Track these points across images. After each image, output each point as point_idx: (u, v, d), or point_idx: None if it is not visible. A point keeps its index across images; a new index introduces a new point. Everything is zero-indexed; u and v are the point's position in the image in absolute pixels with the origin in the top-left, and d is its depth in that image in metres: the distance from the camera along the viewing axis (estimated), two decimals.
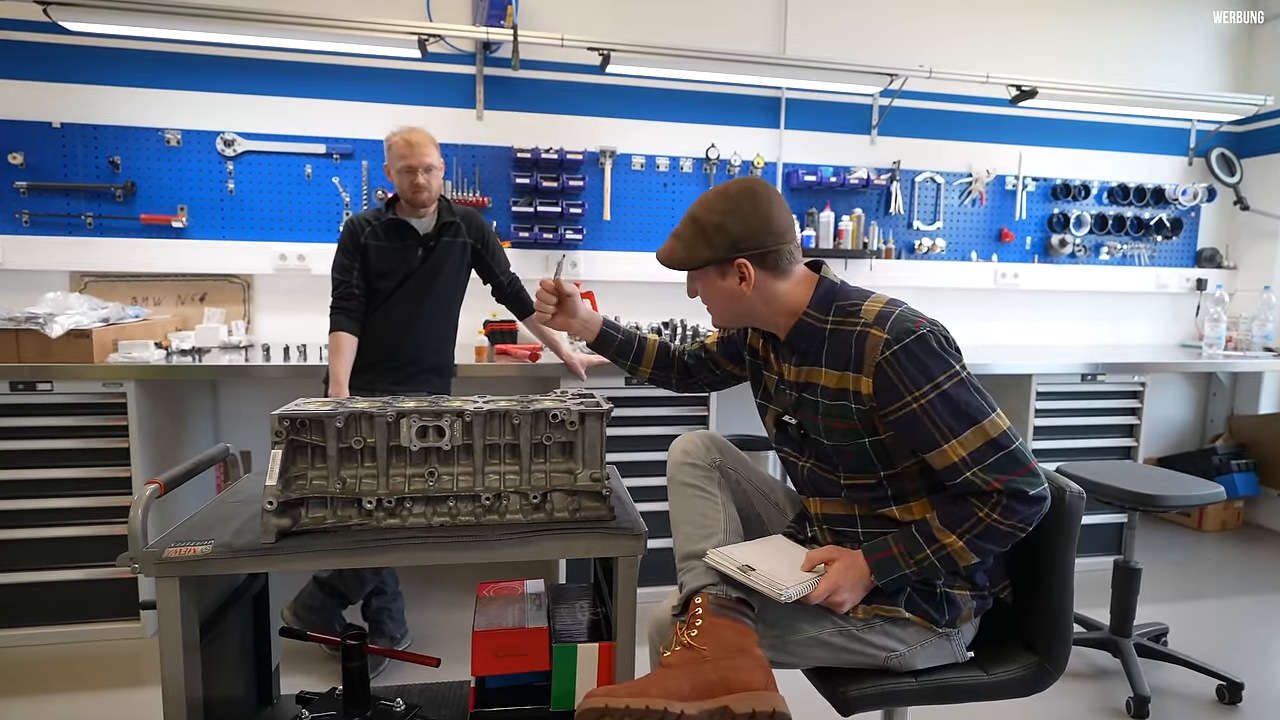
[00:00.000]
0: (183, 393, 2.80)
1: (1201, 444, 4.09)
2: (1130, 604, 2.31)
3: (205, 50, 2.97)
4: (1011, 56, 3.67)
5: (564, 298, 1.56)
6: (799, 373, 1.34)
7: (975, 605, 1.31)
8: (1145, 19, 3.85)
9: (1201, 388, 4.14)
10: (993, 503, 1.18)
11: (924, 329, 1.21)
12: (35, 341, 2.35)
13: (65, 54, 2.88)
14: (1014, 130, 3.77)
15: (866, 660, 1.29)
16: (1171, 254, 4.04)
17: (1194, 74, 3.94)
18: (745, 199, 1.27)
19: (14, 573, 2.40)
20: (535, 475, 1.35)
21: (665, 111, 3.40)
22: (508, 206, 3.25)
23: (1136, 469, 2.46)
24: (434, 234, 2.32)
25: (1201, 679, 2.28)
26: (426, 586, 2.93)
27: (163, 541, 1.22)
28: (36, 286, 2.83)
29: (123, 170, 2.96)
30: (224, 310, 3.06)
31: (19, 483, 2.38)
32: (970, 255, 3.78)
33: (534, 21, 3.16)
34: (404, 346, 2.34)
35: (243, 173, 3.06)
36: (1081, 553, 3.13)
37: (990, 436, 1.18)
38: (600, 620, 1.53)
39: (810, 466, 1.38)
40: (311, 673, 2.28)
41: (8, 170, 2.87)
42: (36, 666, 2.32)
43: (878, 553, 1.26)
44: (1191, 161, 4.01)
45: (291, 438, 1.26)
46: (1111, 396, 3.20)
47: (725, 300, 1.33)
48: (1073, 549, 1.28)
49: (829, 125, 3.58)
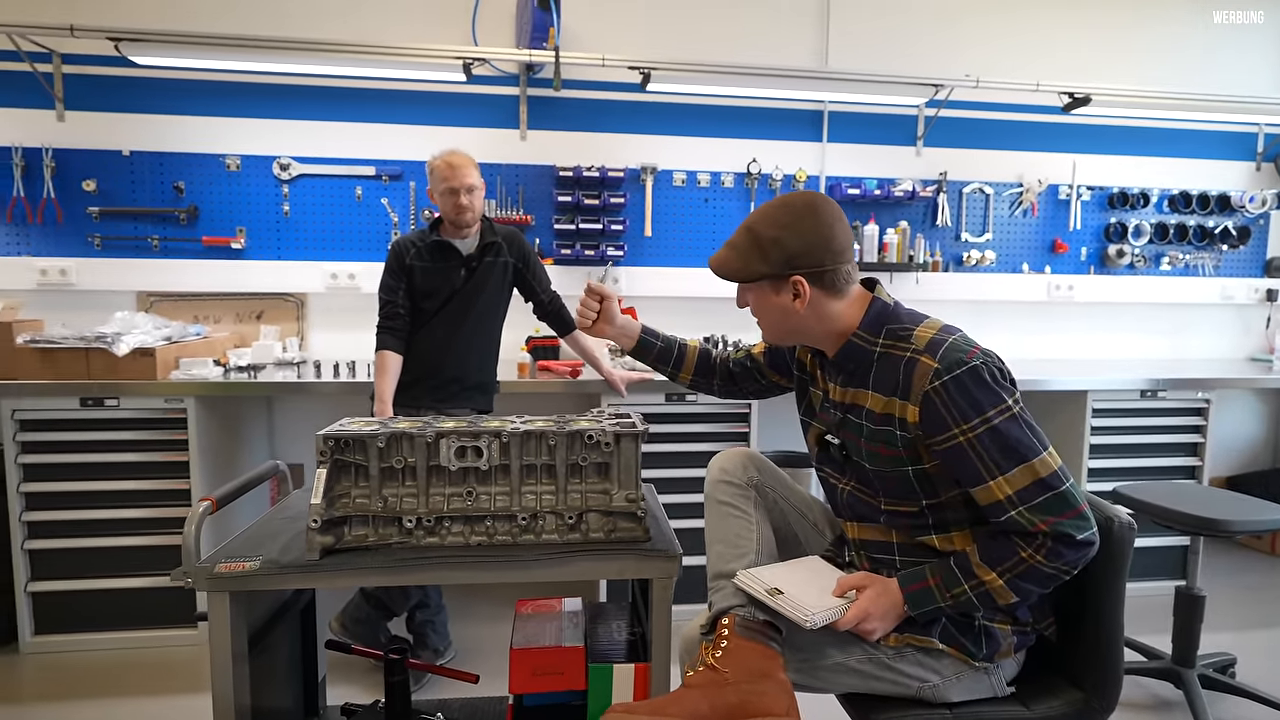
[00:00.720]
0: (240, 408, 2.91)
1: (1274, 463, 3.89)
2: (1194, 632, 2.20)
3: (262, 79, 3.10)
4: (1061, 61, 3.57)
5: (605, 300, 1.56)
6: (845, 393, 1.32)
7: (1016, 641, 1.27)
8: (1205, 20, 3.70)
9: (1273, 404, 3.94)
10: (1037, 544, 1.14)
11: (976, 360, 1.17)
12: (103, 359, 2.47)
13: (134, 86, 3.05)
14: (1066, 138, 3.67)
15: (898, 690, 1.26)
16: (1238, 263, 3.86)
17: (1260, 75, 3.77)
18: (807, 214, 1.25)
19: (81, 579, 2.52)
20: (571, 496, 1.36)
21: (706, 127, 3.41)
22: (550, 224, 3.29)
23: (1199, 490, 2.35)
24: (477, 254, 2.37)
25: (1271, 714, 2.16)
26: (470, 600, 2.97)
27: (214, 557, 1.27)
28: (106, 306, 2.98)
29: (186, 195, 3.10)
30: (279, 328, 3.17)
31: (88, 494, 2.50)
32: (1022, 267, 3.68)
33: (575, 42, 3.21)
34: (448, 365, 2.39)
35: (297, 195, 3.18)
36: (1143, 576, 3.01)
37: (1039, 476, 1.14)
38: (637, 640, 1.53)
39: (850, 489, 1.36)
40: (357, 683, 2.33)
41: (81, 197, 3.04)
42: (101, 670, 2.43)
43: (913, 583, 1.23)
44: (1259, 166, 3.84)
45: (336, 457, 1.30)
46: (1173, 414, 3.07)
47: (777, 316, 1.31)
48: (1122, 582, 1.23)
49: (873, 137, 3.54)
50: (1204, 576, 2.22)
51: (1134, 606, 2.63)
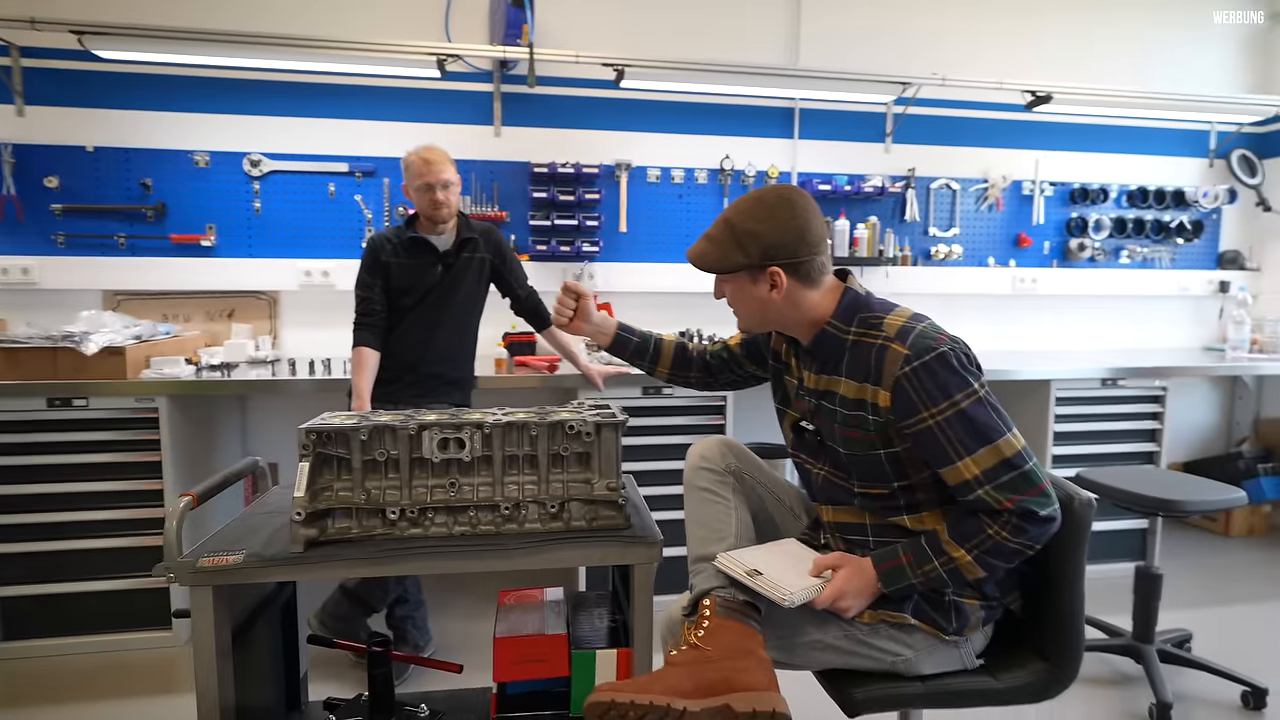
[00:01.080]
0: (212, 407, 2.88)
1: (1228, 448, 4.04)
2: (1152, 610, 2.29)
3: (232, 74, 3.06)
4: (1026, 61, 3.67)
5: (581, 297, 1.59)
6: (819, 380, 1.36)
7: (984, 615, 1.32)
8: (1162, 21, 3.83)
9: (1227, 391, 4.09)
10: (1003, 521, 1.19)
11: (944, 346, 1.22)
12: (71, 359, 2.43)
13: (98, 80, 2.99)
14: (1030, 135, 3.77)
15: (872, 664, 1.31)
16: (1193, 256, 3.99)
17: (1214, 75, 3.91)
18: (783, 207, 1.28)
19: (51, 584, 2.48)
20: (553, 485, 1.38)
21: (679, 124, 3.45)
22: (525, 220, 3.30)
23: (1157, 474, 2.44)
24: (453, 250, 2.38)
25: (1226, 685, 2.26)
26: (450, 595, 2.97)
27: (196, 552, 1.26)
28: (71, 305, 2.93)
29: (153, 191, 3.05)
30: (251, 326, 3.14)
31: (56, 496, 2.46)
32: (987, 261, 3.77)
33: (549, 39, 3.22)
34: (425, 361, 2.39)
35: (268, 192, 3.14)
36: (1105, 559, 3.12)
37: (1004, 456, 1.19)
38: (619, 627, 1.56)
39: (825, 473, 1.40)
40: (339, 679, 2.33)
41: (44, 193, 2.98)
42: (73, 675, 2.39)
43: (886, 561, 1.28)
44: (1212, 163, 3.97)
45: (318, 450, 1.31)
46: (1132, 401, 3.18)
47: (754, 306, 1.35)
48: (1082, 556, 1.29)
49: (843, 134, 3.60)
50: (1162, 557, 2.32)
51: (1096, 587, 2.73)
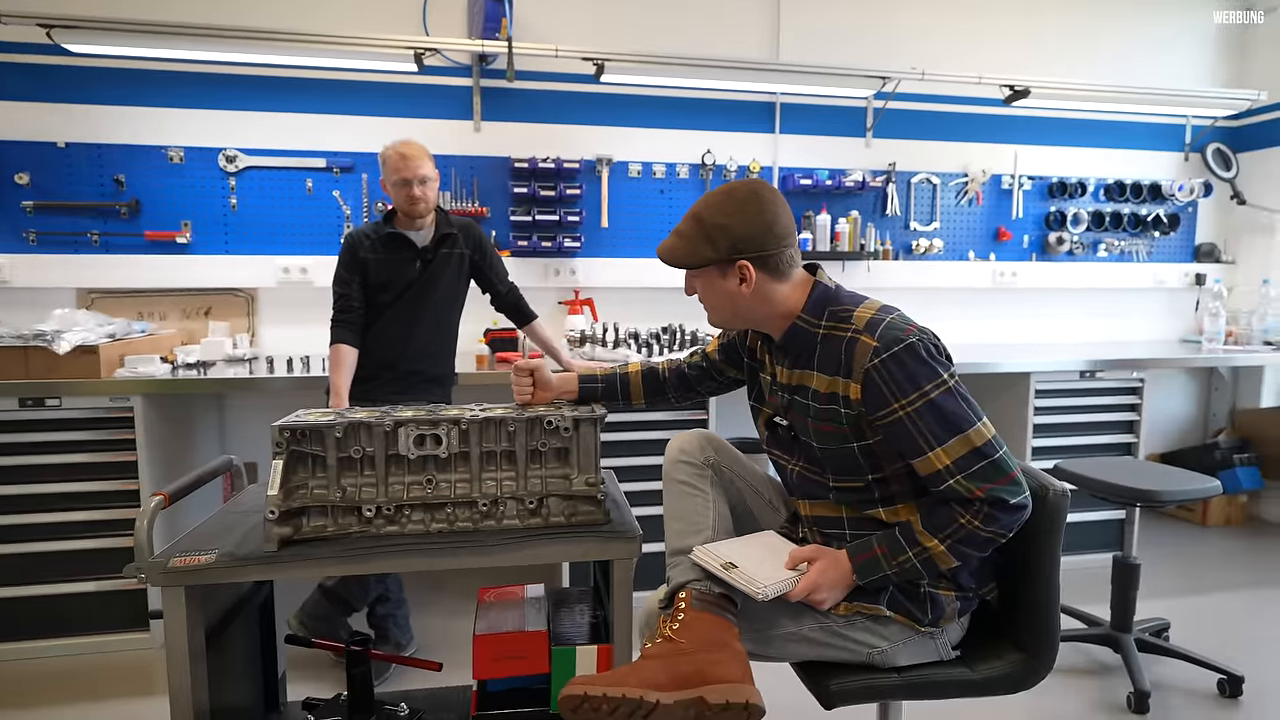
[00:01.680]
0: (189, 406, 2.84)
1: (1204, 439, 4.09)
2: (1130, 599, 2.32)
3: (206, 69, 3.01)
4: (1005, 56, 3.69)
5: (534, 371, 1.52)
6: (791, 375, 1.36)
7: (960, 606, 1.33)
8: (1140, 17, 3.87)
9: (1203, 383, 4.15)
10: (974, 510, 1.20)
11: (913, 337, 1.22)
12: (43, 358, 2.39)
13: (68, 75, 2.94)
14: (1009, 129, 3.79)
15: (848, 656, 1.31)
16: (1169, 249, 4.04)
17: (1189, 70, 3.96)
18: (750, 201, 1.29)
19: (24, 586, 2.44)
20: (531, 481, 1.38)
21: (660, 119, 3.44)
22: (506, 216, 3.28)
23: (1135, 465, 2.47)
24: (432, 246, 2.36)
25: (1202, 673, 2.29)
26: (431, 593, 2.95)
27: (168, 552, 1.25)
28: (43, 304, 2.87)
29: (127, 188, 3.00)
30: (229, 324, 3.09)
31: (29, 497, 2.42)
32: (968, 255, 3.80)
33: (528, 33, 3.19)
34: (404, 357, 2.37)
35: (245, 188, 3.10)
36: (1083, 549, 3.15)
37: (974, 445, 1.19)
38: (599, 623, 1.55)
39: (800, 469, 1.40)
40: (317, 679, 2.31)
41: (14, 190, 2.92)
42: (47, 679, 2.35)
43: (861, 553, 1.28)
44: (1188, 157, 4.02)
45: (292, 448, 1.29)
46: (1111, 393, 3.21)
47: (724, 300, 1.35)
48: (1058, 547, 1.30)
49: (824, 128, 3.60)
50: (1140, 547, 2.34)
51: (1075, 577, 2.77)
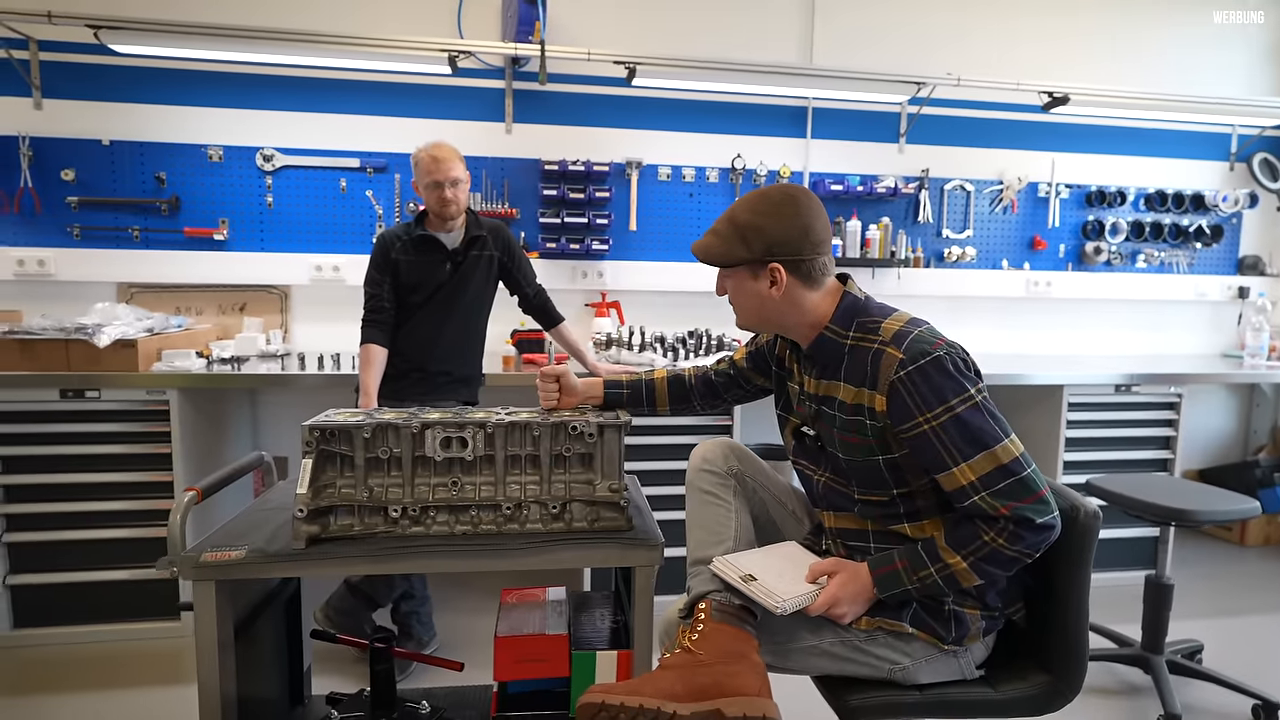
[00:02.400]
0: (223, 400, 2.90)
1: (1244, 456, 3.98)
2: (1162, 620, 2.26)
3: (246, 69, 3.08)
4: (1043, 61, 3.63)
5: (560, 377, 1.54)
6: (819, 385, 1.35)
7: (985, 625, 1.31)
8: (1183, 21, 3.77)
9: (1244, 399, 4.03)
10: (999, 528, 1.18)
11: (940, 351, 1.21)
12: (84, 351, 2.46)
13: (114, 74, 3.01)
14: (1046, 137, 3.72)
15: (869, 671, 1.30)
16: (1212, 261, 3.94)
17: (1236, 77, 3.85)
18: (788, 205, 1.29)
19: (62, 573, 2.51)
20: (555, 486, 1.38)
21: (691, 122, 3.43)
22: (535, 218, 3.30)
23: (1170, 482, 2.41)
24: (462, 248, 2.38)
25: (1236, 698, 2.22)
26: (455, 591, 2.98)
27: (199, 546, 1.27)
28: (85, 297, 2.96)
29: (168, 185, 3.08)
30: (262, 320, 3.15)
31: (68, 486, 2.49)
32: (1001, 263, 3.74)
33: (561, 36, 3.21)
34: (433, 358, 2.40)
35: (281, 187, 3.16)
36: (1115, 567, 3.07)
37: (1001, 462, 1.18)
38: (620, 628, 1.56)
39: (825, 480, 1.39)
40: (342, 674, 2.34)
41: (60, 186, 3.01)
42: (83, 663, 2.42)
43: (882, 566, 1.27)
44: (1233, 167, 3.91)
45: (321, 448, 1.31)
46: (1147, 408, 3.13)
47: (753, 302, 1.35)
48: (1088, 569, 1.27)
49: (856, 134, 3.57)
50: (1174, 566, 2.29)
51: (1105, 595, 2.71)
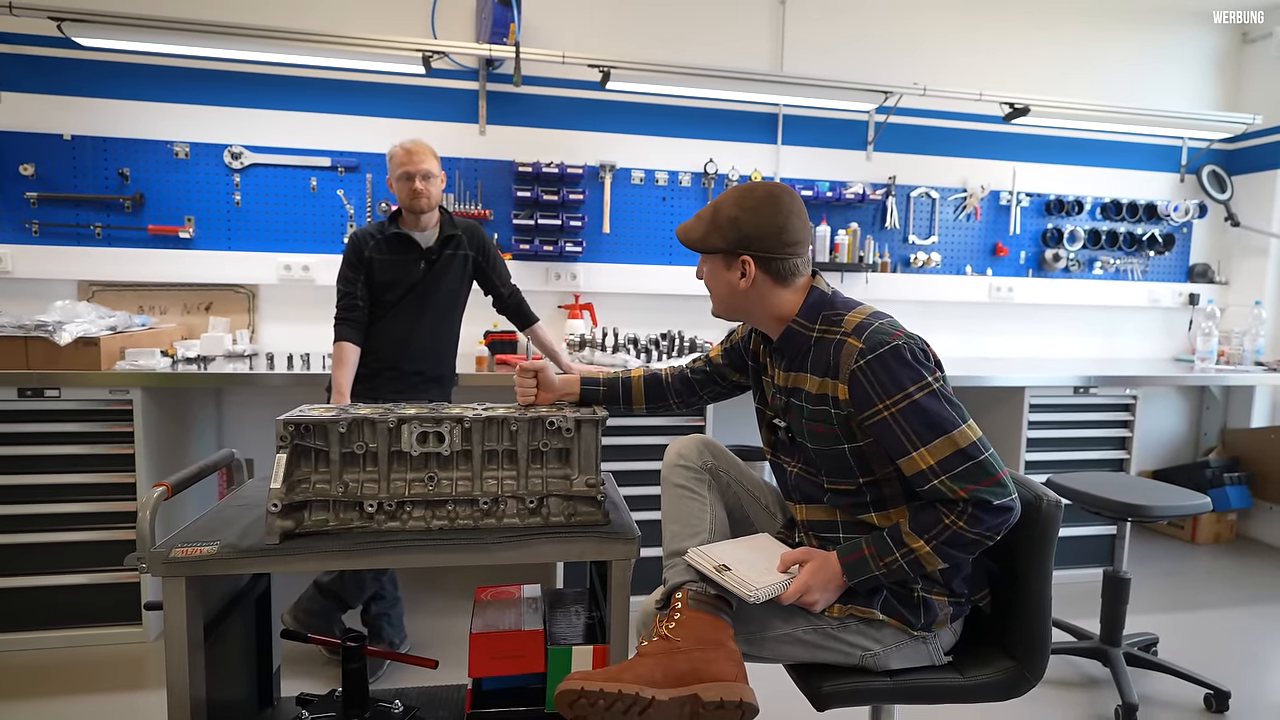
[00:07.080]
0: (188, 400, 2.85)
1: (1195, 457, 4.13)
2: (1119, 614, 2.34)
3: (214, 65, 3.03)
4: (1006, 74, 3.74)
5: (538, 373, 1.55)
6: (788, 377, 1.40)
7: (952, 611, 1.35)
8: (1139, 39, 3.92)
9: (1195, 401, 4.18)
10: (959, 510, 1.22)
11: (899, 341, 1.26)
12: (44, 349, 2.39)
13: (77, 68, 2.95)
14: (1008, 146, 3.84)
15: (841, 658, 1.33)
16: (1164, 269, 4.09)
17: (1186, 93, 4.01)
18: (769, 203, 1.33)
19: (19, 577, 2.43)
20: (532, 480, 1.39)
21: (664, 127, 3.47)
22: (509, 219, 3.30)
23: (1126, 480, 2.49)
24: (436, 247, 2.37)
25: (1190, 688, 2.31)
26: (426, 592, 2.95)
27: (169, 542, 1.26)
28: (45, 295, 2.88)
29: (131, 182, 3.02)
30: (229, 320, 3.10)
31: (26, 488, 2.42)
32: (965, 269, 3.83)
33: (536, 39, 3.22)
34: (406, 357, 2.38)
35: (249, 185, 3.12)
36: (1074, 564, 3.18)
37: (959, 446, 1.21)
38: (595, 624, 1.57)
39: (797, 471, 1.43)
40: (312, 675, 2.31)
41: (18, 181, 2.93)
42: (40, 670, 2.35)
43: (850, 554, 1.30)
44: (1183, 178, 4.07)
45: (296, 442, 1.30)
46: (1103, 409, 3.24)
47: (724, 290, 1.40)
48: (1050, 557, 1.32)
49: (825, 141, 3.64)
50: (1130, 563, 2.36)
51: (1066, 591, 2.79)
